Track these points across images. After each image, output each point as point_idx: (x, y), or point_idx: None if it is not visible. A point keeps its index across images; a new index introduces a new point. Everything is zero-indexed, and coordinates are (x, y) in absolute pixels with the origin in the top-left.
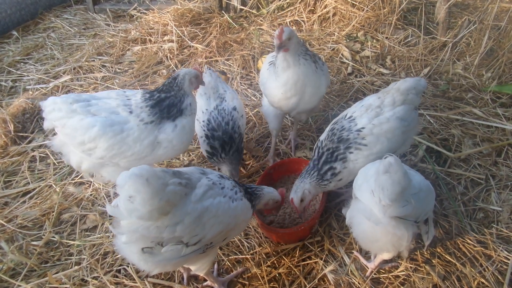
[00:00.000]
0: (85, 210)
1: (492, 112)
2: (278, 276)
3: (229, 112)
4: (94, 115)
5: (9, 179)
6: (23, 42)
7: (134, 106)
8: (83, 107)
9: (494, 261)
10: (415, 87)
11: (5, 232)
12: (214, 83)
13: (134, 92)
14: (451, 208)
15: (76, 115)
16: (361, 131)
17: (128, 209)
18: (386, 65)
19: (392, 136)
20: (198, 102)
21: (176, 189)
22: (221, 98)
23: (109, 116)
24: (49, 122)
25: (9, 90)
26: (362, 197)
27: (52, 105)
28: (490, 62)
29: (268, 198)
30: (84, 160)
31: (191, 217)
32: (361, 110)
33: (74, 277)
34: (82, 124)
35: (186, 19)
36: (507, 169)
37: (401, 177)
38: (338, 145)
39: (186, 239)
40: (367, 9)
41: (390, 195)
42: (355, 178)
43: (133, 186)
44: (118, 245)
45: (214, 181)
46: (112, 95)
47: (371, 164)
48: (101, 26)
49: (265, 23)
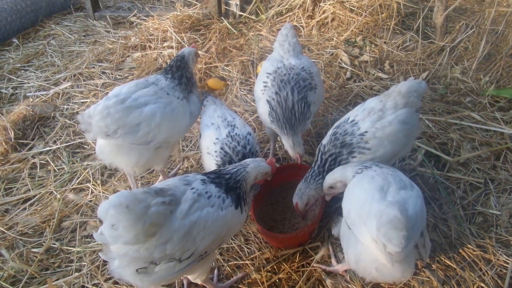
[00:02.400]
0: (85, 216)
1: (490, 116)
2: (278, 282)
3: (244, 136)
4: (146, 105)
5: (10, 186)
6: (24, 49)
7: (166, 89)
8: (133, 101)
9: (494, 265)
10: (416, 89)
11: (5, 240)
12: (221, 111)
13: (155, 78)
14: (450, 212)
15: (133, 111)
16: (364, 135)
17: (113, 236)
18: (384, 70)
19: (395, 139)
20: (206, 134)
21: (159, 209)
22: (232, 126)
23: (158, 101)
24: (99, 130)
25: (10, 97)
26: (362, 239)
27: (104, 110)
28: (488, 66)
29: (254, 174)
30: (143, 152)
31: (179, 234)
32: (363, 114)
33: (75, 284)
34: (144, 115)
35: (186, 25)
36: (506, 173)
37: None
38: (341, 150)
39: (178, 255)
40: (366, 14)
41: (399, 245)
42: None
43: (114, 216)
44: (112, 269)
45: (199, 191)
46: (140, 85)
47: (358, 188)
48: (101, 33)
49: (264, 29)
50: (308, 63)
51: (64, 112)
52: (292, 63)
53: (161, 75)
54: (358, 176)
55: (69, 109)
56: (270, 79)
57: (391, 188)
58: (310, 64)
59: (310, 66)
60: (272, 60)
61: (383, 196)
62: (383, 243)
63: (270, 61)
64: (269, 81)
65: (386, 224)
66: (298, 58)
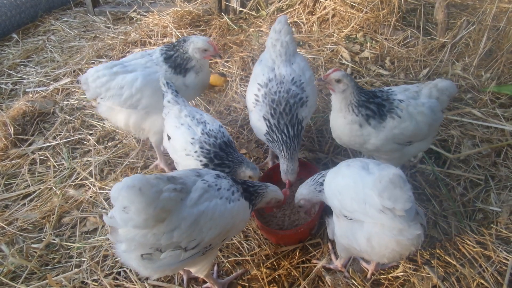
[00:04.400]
0: (85, 212)
1: (491, 112)
2: (278, 278)
3: (218, 130)
4: (132, 71)
5: (10, 182)
6: (23, 44)
7: (156, 61)
8: (122, 68)
9: (494, 262)
10: (449, 89)
11: (5, 235)
12: (186, 109)
13: (153, 51)
14: (451, 209)
15: (118, 76)
16: (401, 102)
17: (123, 219)
18: (385, 66)
19: (421, 121)
20: (179, 136)
21: (171, 195)
22: (203, 123)
23: (145, 70)
24: (93, 91)
25: (9, 92)
26: (369, 219)
27: (96, 73)
28: (489, 63)
29: (271, 196)
30: (132, 114)
31: (187, 222)
32: (399, 89)
33: (74, 280)
34: (126, 80)
35: (186, 21)
36: (506, 169)
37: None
38: (384, 103)
39: (184, 244)
40: (366, 10)
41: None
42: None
43: (126, 197)
44: (118, 252)
45: (209, 183)
46: (138, 56)
47: (339, 178)
48: (101, 28)
49: (264, 25)
50: (299, 70)
51: (63, 108)
52: (282, 74)
53: (162, 47)
54: (331, 172)
55: (68, 105)
56: (261, 94)
57: (370, 165)
58: (303, 70)
59: (301, 73)
60: (263, 65)
61: (368, 172)
62: (390, 207)
63: (261, 66)
64: (260, 96)
65: (387, 185)
66: (289, 64)
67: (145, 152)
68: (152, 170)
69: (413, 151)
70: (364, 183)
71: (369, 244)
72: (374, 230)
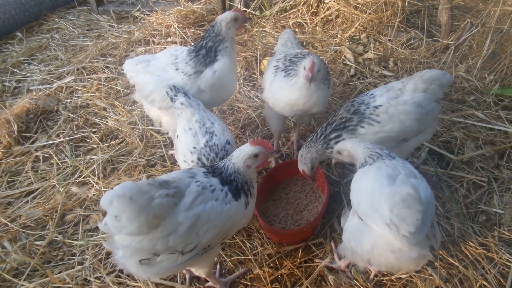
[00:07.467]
0: (88, 210)
1: (494, 114)
2: (280, 277)
3: (223, 147)
4: (151, 74)
5: (13, 179)
6: (27, 43)
7: (180, 64)
8: (144, 67)
9: (496, 263)
10: (439, 78)
11: (8, 232)
12: (199, 114)
13: (182, 49)
14: (454, 211)
15: (140, 74)
16: (377, 108)
17: (116, 227)
18: (388, 68)
19: (406, 119)
20: (184, 140)
21: (162, 201)
22: (210, 133)
23: (160, 74)
24: (130, 80)
25: (13, 90)
26: (376, 227)
27: (127, 66)
28: (492, 65)
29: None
30: (151, 109)
31: (183, 226)
32: (382, 90)
33: (77, 277)
34: (142, 81)
35: (190, 20)
36: (509, 172)
37: (422, 207)
38: (352, 116)
39: (180, 247)
40: (370, 11)
41: (414, 224)
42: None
43: (117, 207)
44: (116, 259)
45: (203, 184)
46: (167, 54)
47: (365, 179)
48: (105, 27)
49: (268, 25)
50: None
51: (67, 106)
52: (298, 51)
53: (192, 46)
54: (366, 167)
55: (72, 103)
56: (280, 62)
57: (400, 176)
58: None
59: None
60: (277, 53)
61: (392, 182)
62: (397, 225)
63: (276, 54)
64: (280, 63)
65: (399, 203)
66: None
67: (148, 150)
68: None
69: (413, 145)
70: (381, 192)
71: (372, 251)
72: (379, 240)
